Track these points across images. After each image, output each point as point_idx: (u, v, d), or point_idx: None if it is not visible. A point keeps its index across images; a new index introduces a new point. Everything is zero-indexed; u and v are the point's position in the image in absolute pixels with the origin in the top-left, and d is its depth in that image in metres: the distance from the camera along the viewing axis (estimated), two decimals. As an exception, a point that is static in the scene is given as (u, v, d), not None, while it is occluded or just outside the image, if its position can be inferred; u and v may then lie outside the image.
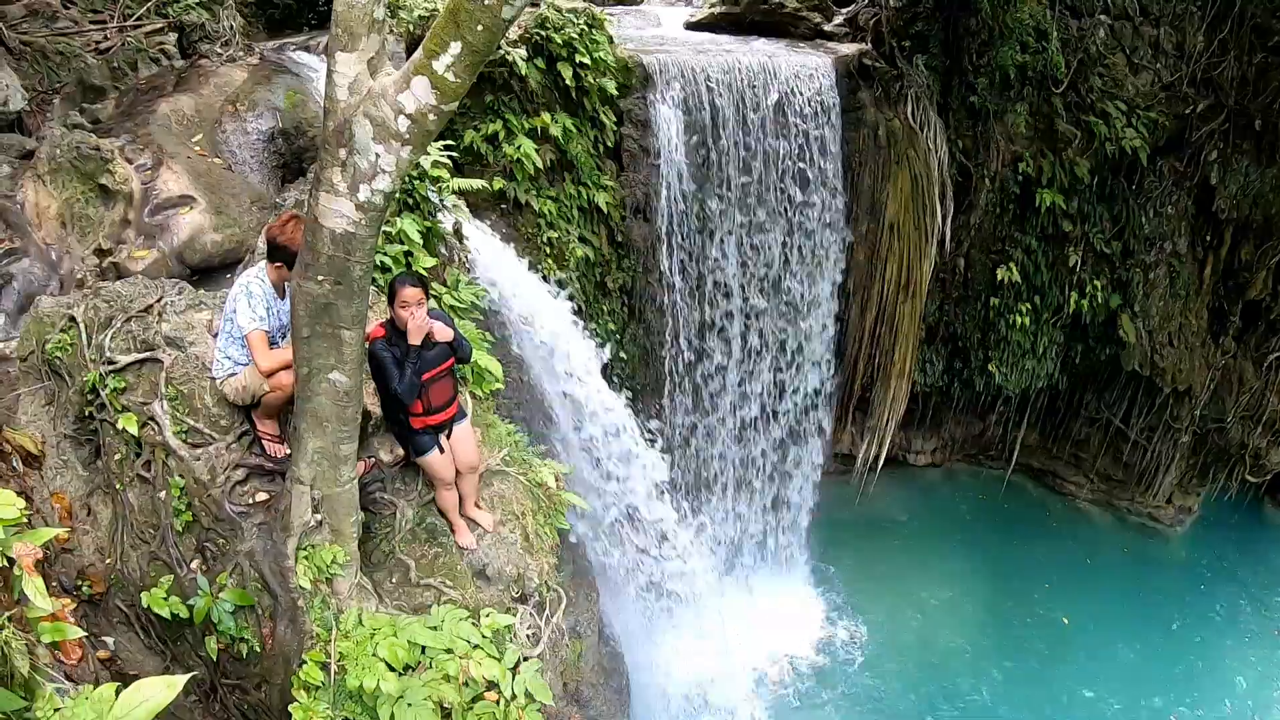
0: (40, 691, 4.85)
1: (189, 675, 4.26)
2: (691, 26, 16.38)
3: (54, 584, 6.46)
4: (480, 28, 4.60)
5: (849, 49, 14.74)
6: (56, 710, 4.64)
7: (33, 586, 4.35)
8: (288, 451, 6.46)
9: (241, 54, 11.95)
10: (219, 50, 11.92)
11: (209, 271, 9.36)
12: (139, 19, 11.94)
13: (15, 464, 6.36)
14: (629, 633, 11.86)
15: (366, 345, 6.34)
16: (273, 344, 6.48)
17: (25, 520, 4.44)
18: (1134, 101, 14.96)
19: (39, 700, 4.78)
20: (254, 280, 6.44)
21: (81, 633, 5.04)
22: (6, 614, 4.42)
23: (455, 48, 4.64)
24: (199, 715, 6.93)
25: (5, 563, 4.33)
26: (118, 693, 4.66)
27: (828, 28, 15.48)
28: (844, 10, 15.56)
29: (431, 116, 4.85)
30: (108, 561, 6.87)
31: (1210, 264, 16.31)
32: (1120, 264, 15.85)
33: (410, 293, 6.25)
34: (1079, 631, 15.62)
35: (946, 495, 18.60)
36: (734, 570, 16.08)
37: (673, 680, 13.47)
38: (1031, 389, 17.11)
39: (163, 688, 4.28)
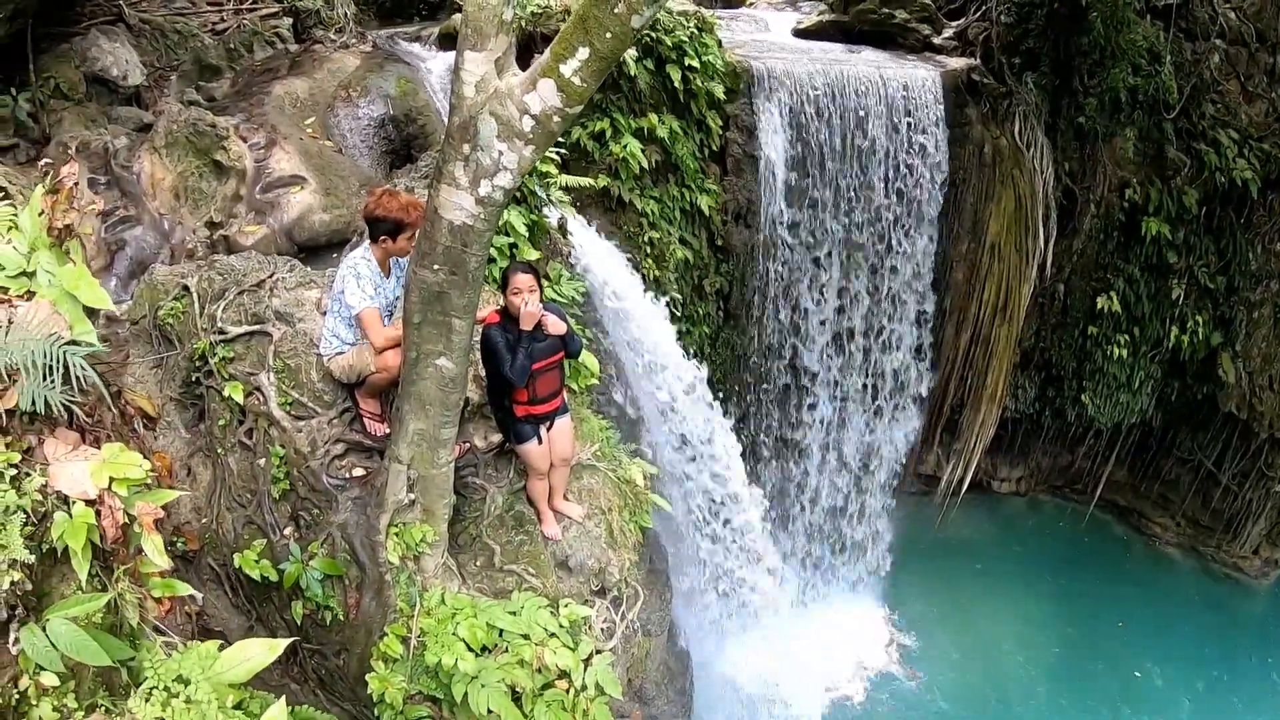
0: (145, 643, 5.07)
1: (289, 640, 4.44)
2: (800, 34, 16.25)
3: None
4: (609, 35, 4.69)
5: (957, 63, 14.49)
6: (161, 661, 4.85)
7: (151, 544, 4.56)
8: (387, 430, 6.62)
9: (354, 41, 12.19)
10: (332, 36, 12.18)
11: (315, 250, 9.57)
12: (255, 3, 12.27)
13: (136, 425, 6.64)
14: (698, 635, 11.87)
15: (481, 330, 6.49)
16: (380, 324, 6.65)
17: (147, 481, 4.67)
18: (1246, 131, 14.40)
19: (143, 650, 5.00)
20: (360, 261, 6.59)
21: (190, 590, 5.26)
22: (123, 567, 4.66)
23: (583, 53, 4.74)
24: (278, 675, 7.12)
25: (126, 519, 4.56)
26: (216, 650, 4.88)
27: (937, 41, 15.23)
28: (954, 24, 15.30)
29: (556, 118, 4.95)
30: (203, 521, 7.11)
31: (1318, 307, 15.66)
32: (1224, 300, 15.25)
33: (523, 279, 6.38)
34: (1149, 684, 15.03)
35: (1028, 526, 18.06)
36: (804, 583, 15.95)
37: (737, 690, 13.44)
38: (1124, 423, 16.56)
39: (264, 650, 4.48)
